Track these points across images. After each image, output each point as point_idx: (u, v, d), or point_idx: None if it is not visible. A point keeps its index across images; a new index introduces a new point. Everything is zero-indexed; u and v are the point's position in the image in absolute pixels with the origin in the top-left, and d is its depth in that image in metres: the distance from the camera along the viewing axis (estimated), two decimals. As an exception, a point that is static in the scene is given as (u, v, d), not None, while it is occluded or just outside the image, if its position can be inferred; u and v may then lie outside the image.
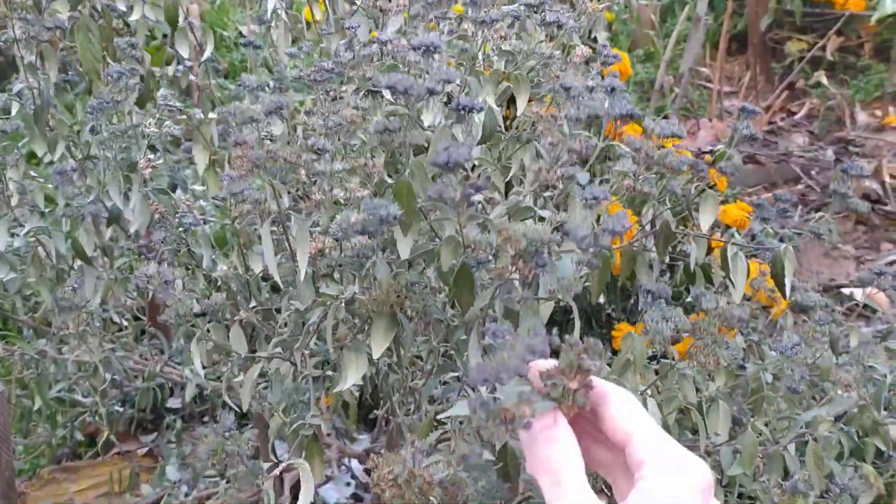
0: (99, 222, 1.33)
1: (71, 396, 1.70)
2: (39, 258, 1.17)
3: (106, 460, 1.79)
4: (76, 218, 1.10)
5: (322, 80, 1.07)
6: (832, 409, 0.95)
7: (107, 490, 1.73)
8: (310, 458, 0.92)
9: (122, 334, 1.48)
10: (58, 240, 1.21)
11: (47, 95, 1.19)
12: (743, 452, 0.93)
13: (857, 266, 2.20)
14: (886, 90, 3.18)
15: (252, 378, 1.01)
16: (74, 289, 1.07)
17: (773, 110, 3.13)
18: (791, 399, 0.94)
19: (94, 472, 1.77)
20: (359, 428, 1.88)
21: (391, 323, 0.80)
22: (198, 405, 2.00)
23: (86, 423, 1.82)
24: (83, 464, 1.81)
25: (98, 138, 1.22)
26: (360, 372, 0.87)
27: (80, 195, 1.11)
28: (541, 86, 1.16)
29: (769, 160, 2.69)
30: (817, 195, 2.56)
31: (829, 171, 2.63)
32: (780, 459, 0.97)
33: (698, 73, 3.23)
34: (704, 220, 1.21)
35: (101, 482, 1.75)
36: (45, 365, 1.45)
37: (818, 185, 2.59)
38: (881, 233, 2.44)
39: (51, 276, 1.18)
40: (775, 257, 1.14)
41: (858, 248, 2.36)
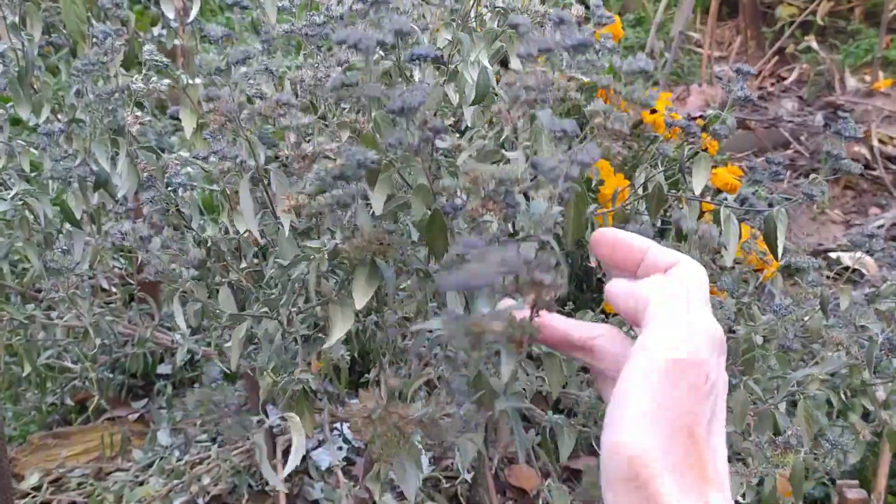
0: (86, 186, 1.31)
1: (60, 363, 1.69)
2: (27, 222, 1.16)
3: (97, 426, 1.79)
4: (63, 181, 1.08)
5: (314, 34, 1.05)
6: (824, 369, 0.96)
7: (98, 455, 1.73)
8: (300, 415, 0.93)
9: (111, 299, 1.47)
10: (45, 204, 1.20)
11: (31, 56, 1.17)
12: (734, 411, 0.94)
13: (846, 230, 2.21)
14: (876, 55, 3.17)
15: (239, 337, 1.00)
16: (64, 251, 1.05)
17: (763, 75, 3.12)
18: (783, 357, 0.95)
19: (85, 437, 1.77)
20: (350, 393, 1.89)
21: (373, 272, 0.79)
22: (188, 371, 2.00)
23: (76, 390, 1.82)
24: (74, 430, 1.81)
25: (84, 101, 1.20)
26: (345, 326, 0.86)
27: (66, 157, 1.09)
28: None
29: (759, 125, 2.68)
30: (806, 160, 2.57)
31: (818, 136, 2.63)
32: (771, 418, 0.98)
33: (689, 37, 3.21)
34: (697, 182, 1.21)
35: (92, 447, 1.75)
36: (33, 331, 1.44)
37: (807, 150, 2.59)
38: (869, 197, 2.45)
39: (39, 240, 1.17)
40: (768, 219, 1.14)
41: (846, 212, 2.37)
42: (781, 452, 0.79)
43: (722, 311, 0.96)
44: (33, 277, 1.35)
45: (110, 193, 1.35)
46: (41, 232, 1.18)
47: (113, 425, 1.79)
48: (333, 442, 1.75)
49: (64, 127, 1.13)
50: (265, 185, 0.97)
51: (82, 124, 1.23)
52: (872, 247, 1.16)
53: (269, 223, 1.09)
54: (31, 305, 1.31)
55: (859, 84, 3.08)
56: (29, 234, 1.18)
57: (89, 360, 1.49)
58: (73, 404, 1.87)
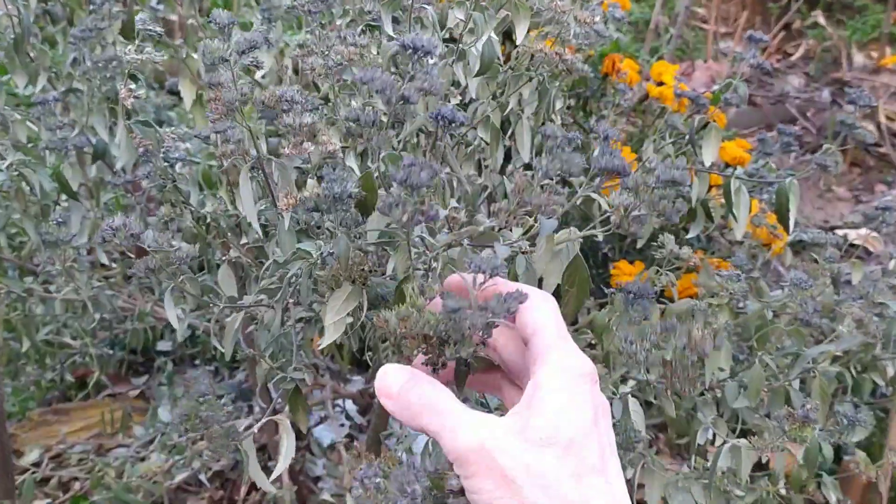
0: (84, 158, 1.29)
1: (59, 339, 1.67)
2: (23, 193, 1.13)
3: (97, 402, 1.78)
4: (60, 151, 1.06)
5: (317, 11, 1.02)
6: (840, 346, 0.94)
7: (99, 432, 1.72)
8: (293, 412, 0.90)
9: (111, 273, 1.45)
10: (42, 175, 1.17)
11: (27, 23, 1.14)
12: (749, 385, 0.92)
13: (855, 206, 2.18)
14: (883, 31, 3.13)
15: (234, 327, 0.98)
16: (59, 223, 1.03)
17: (770, 52, 3.08)
18: (799, 333, 0.93)
19: (86, 413, 1.76)
20: (352, 370, 1.88)
21: (352, 295, 0.77)
22: (189, 348, 1.98)
23: (75, 366, 1.80)
24: (74, 406, 1.79)
25: (81, 69, 1.17)
26: (338, 330, 0.84)
27: (63, 127, 1.06)
28: (541, 14, 1.12)
29: (765, 101, 2.65)
30: (813, 137, 2.54)
31: (824, 112, 2.60)
32: (783, 394, 0.96)
33: (694, 13, 3.16)
34: (707, 154, 1.18)
35: (92, 424, 1.74)
36: (32, 305, 1.42)
37: (814, 126, 2.56)
38: (875, 174, 2.42)
39: (35, 211, 1.14)
40: (780, 191, 1.11)
41: (852, 189, 2.34)
42: (800, 426, 0.78)
43: (738, 284, 0.94)
44: (31, 251, 1.33)
45: (108, 165, 1.33)
46: (38, 204, 1.15)
47: (113, 402, 1.78)
48: (336, 419, 1.73)
49: (59, 96, 1.10)
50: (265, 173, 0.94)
51: (79, 94, 1.21)
52: (886, 219, 1.14)
53: (270, 209, 1.06)
54: (29, 279, 1.29)
55: (866, 60, 3.04)
56: (25, 206, 1.15)
57: (88, 336, 1.47)
58: (73, 380, 1.86)
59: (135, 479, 1.42)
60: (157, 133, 1.10)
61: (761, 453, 0.83)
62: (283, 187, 0.87)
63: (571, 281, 0.79)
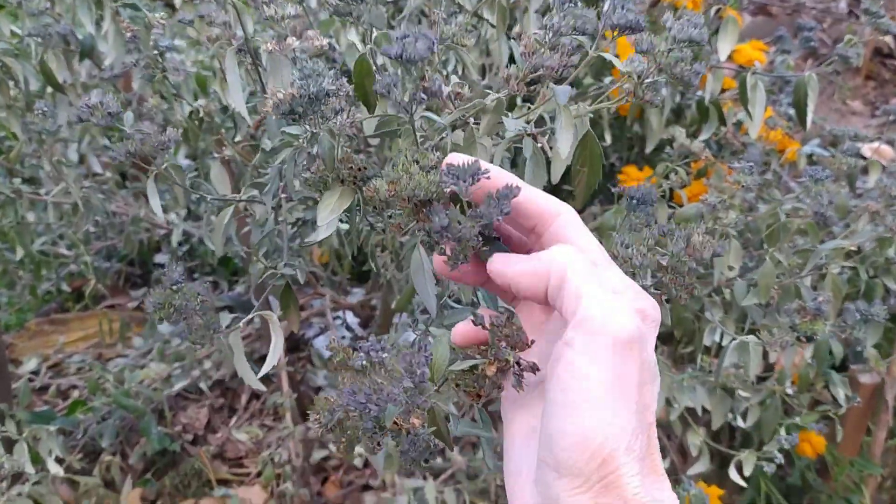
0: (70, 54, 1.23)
1: (55, 249, 1.65)
2: (7, 87, 1.09)
3: (95, 313, 1.76)
4: (43, 39, 1.00)
5: None
6: (854, 240, 0.90)
7: (97, 342, 1.71)
8: (284, 309, 0.87)
9: (103, 179, 1.41)
10: (28, 71, 1.12)
11: None
12: (759, 283, 0.89)
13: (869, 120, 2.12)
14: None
15: (223, 221, 0.94)
16: (44, 112, 0.98)
17: (785, -38, 2.96)
18: (813, 227, 0.90)
19: (84, 324, 1.75)
20: (352, 282, 1.85)
21: (345, 194, 0.72)
22: (188, 260, 1.96)
23: (72, 277, 1.78)
24: (72, 316, 1.78)
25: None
26: (330, 228, 0.80)
27: (46, 12, 1.01)
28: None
29: (781, 12, 2.56)
30: (829, 49, 2.46)
31: (841, 23, 2.51)
32: (795, 292, 0.93)
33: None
34: (723, 47, 1.13)
35: (90, 334, 1.72)
36: (24, 213, 1.39)
37: (830, 38, 2.48)
38: (890, 88, 2.35)
39: (21, 106, 1.10)
40: (798, 85, 1.06)
41: (867, 104, 2.28)
42: (811, 320, 0.75)
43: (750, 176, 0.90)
44: (19, 152, 1.29)
45: (96, 63, 1.27)
46: (23, 97, 1.10)
47: (112, 313, 1.76)
48: (336, 330, 1.72)
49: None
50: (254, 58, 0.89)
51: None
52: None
53: (260, 98, 1.01)
54: (17, 179, 1.25)
55: (885, -28, 2.92)
56: (10, 100, 1.11)
57: (83, 242, 1.44)
58: (70, 292, 1.84)
59: (134, 385, 1.41)
60: (145, 19, 1.04)
61: (770, 349, 0.81)
62: (272, 72, 0.82)
63: (583, 159, 0.75)
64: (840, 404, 0.99)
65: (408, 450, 0.49)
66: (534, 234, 0.42)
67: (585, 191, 0.74)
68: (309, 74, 0.64)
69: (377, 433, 0.44)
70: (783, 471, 1.54)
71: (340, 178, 0.70)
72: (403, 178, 0.47)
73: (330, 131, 0.67)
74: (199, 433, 1.55)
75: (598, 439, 0.34)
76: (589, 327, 0.36)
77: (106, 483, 1.39)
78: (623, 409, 0.35)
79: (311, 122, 0.67)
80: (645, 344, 0.36)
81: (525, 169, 0.72)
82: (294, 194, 0.87)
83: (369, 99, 0.77)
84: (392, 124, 0.78)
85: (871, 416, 1.43)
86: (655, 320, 0.39)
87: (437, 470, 1.46)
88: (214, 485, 1.43)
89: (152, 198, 0.78)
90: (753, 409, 1.00)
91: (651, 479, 0.35)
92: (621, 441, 0.34)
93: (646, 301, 0.39)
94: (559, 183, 0.74)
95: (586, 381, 0.35)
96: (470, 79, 1.05)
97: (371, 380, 0.43)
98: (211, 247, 1.03)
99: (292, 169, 0.78)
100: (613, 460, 0.34)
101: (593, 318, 0.36)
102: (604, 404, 0.35)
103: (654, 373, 0.38)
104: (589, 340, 0.35)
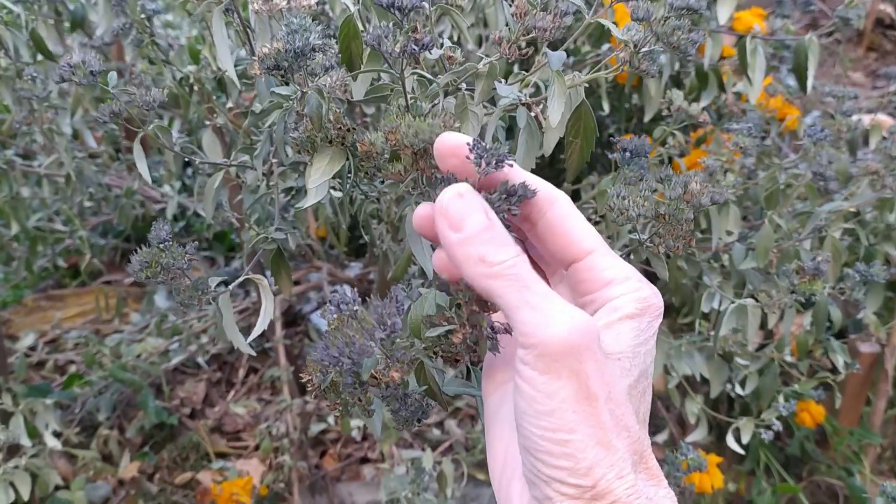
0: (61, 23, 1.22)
1: (50, 226, 1.64)
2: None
3: (92, 288, 1.75)
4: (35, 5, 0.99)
5: None
6: (854, 202, 0.89)
7: (94, 317, 1.70)
8: (276, 276, 0.85)
9: (97, 152, 1.40)
10: (18, 40, 1.11)
11: None
12: (758, 246, 0.88)
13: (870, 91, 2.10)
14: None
15: (213, 186, 0.92)
16: (33, 78, 0.97)
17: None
18: (812, 188, 0.88)
19: (80, 300, 1.74)
20: (350, 257, 1.84)
21: (336, 156, 0.70)
22: (184, 236, 1.95)
23: (68, 253, 1.77)
24: (69, 292, 1.77)
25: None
26: (321, 193, 0.78)
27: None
28: None
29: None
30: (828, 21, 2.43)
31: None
32: (794, 255, 0.92)
33: None
34: (722, 12, 1.11)
35: (87, 310, 1.72)
36: (17, 185, 1.38)
37: (831, 9, 2.45)
38: (892, 59, 2.33)
39: (11, 75, 1.08)
40: (798, 48, 1.05)
41: (868, 75, 2.26)
42: (809, 280, 0.74)
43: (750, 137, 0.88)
44: (11, 125, 1.27)
45: (87, 33, 1.26)
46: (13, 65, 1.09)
47: (108, 288, 1.75)
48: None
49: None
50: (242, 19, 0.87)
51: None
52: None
53: (249, 60, 0.99)
54: (10, 151, 1.24)
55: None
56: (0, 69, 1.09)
57: (77, 215, 1.43)
58: (67, 268, 1.83)
59: (131, 359, 1.41)
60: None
61: (769, 311, 0.80)
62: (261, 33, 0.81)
63: (577, 130, 0.73)
64: (839, 371, 0.98)
65: (398, 409, 0.48)
66: (528, 222, 0.41)
67: (578, 162, 0.72)
68: (296, 30, 0.63)
69: (357, 388, 0.43)
70: (782, 441, 1.54)
71: (329, 139, 0.69)
72: (402, 125, 0.45)
73: (318, 90, 0.66)
74: (196, 407, 1.55)
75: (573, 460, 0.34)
76: (521, 340, 0.34)
77: (104, 456, 1.39)
78: (585, 426, 0.33)
79: (300, 81, 0.65)
80: (588, 352, 0.34)
81: (518, 139, 0.70)
82: (285, 159, 0.86)
83: (354, 62, 0.75)
84: (384, 90, 0.77)
85: (871, 387, 1.43)
86: (658, 309, 0.38)
87: (435, 442, 1.46)
88: (213, 458, 1.43)
89: (139, 161, 0.77)
90: (752, 376, 1.00)
91: (643, 476, 0.35)
92: (594, 460, 0.34)
93: (648, 289, 0.38)
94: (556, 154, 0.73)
95: (534, 402, 0.34)
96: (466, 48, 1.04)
97: (343, 333, 0.42)
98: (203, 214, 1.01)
99: (282, 131, 0.77)
100: (592, 475, 0.34)
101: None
102: (559, 423, 0.33)
103: (621, 370, 0.36)
104: (524, 355, 0.34)
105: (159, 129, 0.75)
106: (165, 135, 0.76)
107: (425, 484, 0.99)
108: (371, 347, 0.40)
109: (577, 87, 0.73)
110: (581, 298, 0.40)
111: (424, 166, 0.46)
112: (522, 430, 0.35)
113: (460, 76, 0.71)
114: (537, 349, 0.33)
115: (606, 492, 0.33)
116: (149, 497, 1.32)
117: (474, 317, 0.41)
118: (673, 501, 0.36)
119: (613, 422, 0.34)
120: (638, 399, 0.37)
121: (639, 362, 0.37)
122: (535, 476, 0.34)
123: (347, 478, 1.43)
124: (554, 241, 0.40)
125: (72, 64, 0.68)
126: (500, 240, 0.36)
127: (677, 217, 0.61)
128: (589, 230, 0.40)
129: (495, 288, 0.35)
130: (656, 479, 0.36)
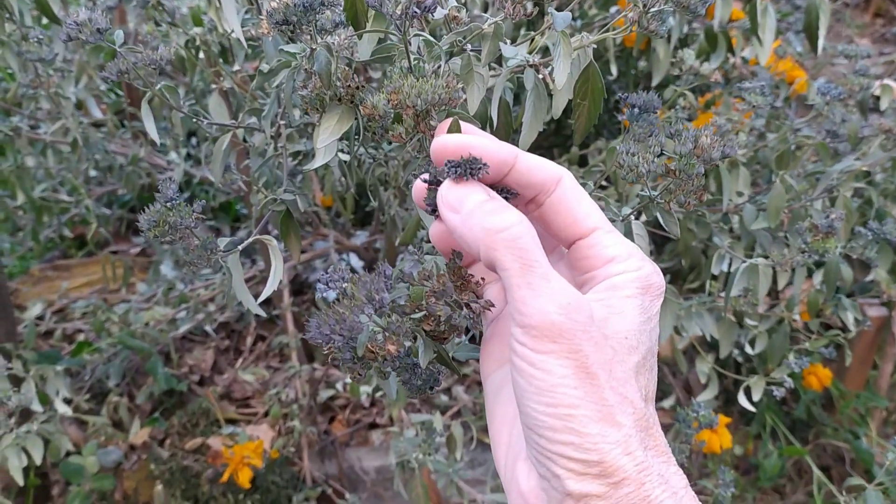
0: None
1: (55, 196, 1.63)
2: (2, 18, 1.06)
3: (98, 258, 1.75)
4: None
5: None
6: (866, 161, 0.89)
7: (101, 287, 1.70)
8: (284, 237, 0.85)
9: (102, 121, 1.39)
10: (22, 4, 1.10)
11: None
12: (769, 206, 0.88)
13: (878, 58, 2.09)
14: None
15: (222, 148, 0.92)
16: (39, 41, 0.96)
17: None
18: (824, 146, 0.88)
19: (87, 270, 1.74)
20: (356, 226, 1.84)
21: (345, 116, 0.70)
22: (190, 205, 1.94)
23: (74, 224, 1.77)
24: (75, 262, 1.77)
25: None
26: (329, 153, 0.78)
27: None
28: None
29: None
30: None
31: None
32: (805, 215, 0.92)
33: None
34: (732, -30, 1.10)
35: (94, 280, 1.72)
36: (22, 155, 1.37)
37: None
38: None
39: (16, 39, 1.08)
40: (809, 8, 1.04)
41: (875, 42, 2.24)
42: (823, 238, 0.73)
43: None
44: (16, 92, 1.27)
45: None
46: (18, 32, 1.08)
47: (115, 258, 1.75)
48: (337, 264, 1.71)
49: None
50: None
51: None
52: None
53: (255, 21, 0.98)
54: (15, 118, 1.23)
55: None
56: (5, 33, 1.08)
57: (83, 188, 1.43)
58: (73, 239, 1.83)
59: (139, 326, 1.41)
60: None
61: (781, 269, 0.80)
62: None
63: (584, 92, 0.72)
64: (850, 330, 0.98)
65: (409, 379, 0.48)
66: (533, 203, 0.40)
67: (586, 125, 0.72)
68: None
69: (356, 363, 0.43)
70: (788, 406, 1.54)
71: (338, 96, 0.68)
72: (405, 86, 0.45)
73: (327, 47, 0.65)
74: (205, 374, 1.55)
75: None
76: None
77: (114, 423, 1.40)
78: (587, 402, 0.33)
79: (308, 38, 0.65)
80: (584, 334, 0.34)
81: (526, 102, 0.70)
82: (293, 120, 0.85)
83: (360, 21, 0.75)
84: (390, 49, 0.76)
85: (877, 350, 1.43)
86: (660, 287, 0.38)
87: (443, 407, 1.46)
88: (223, 423, 1.44)
89: (147, 121, 0.76)
90: (761, 336, 1.00)
91: (652, 453, 0.35)
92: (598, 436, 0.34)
93: (650, 267, 0.39)
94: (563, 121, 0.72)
95: (533, 379, 0.34)
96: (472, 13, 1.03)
97: (334, 310, 0.42)
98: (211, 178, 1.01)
99: (290, 91, 0.76)
100: (597, 451, 0.34)
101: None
102: (561, 399, 0.34)
103: (629, 348, 0.36)
104: (519, 333, 0.34)
105: (167, 89, 0.75)
106: (173, 95, 0.76)
107: (436, 445, 0.99)
108: (360, 324, 0.40)
109: (586, 48, 0.73)
110: (582, 276, 0.40)
111: (425, 128, 0.46)
112: (524, 409, 0.35)
113: (465, 36, 0.70)
114: (534, 330, 0.34)
115: (615, 468, 0.33)
116: (160, 462, 1.33)
117: (449, 294, 0.41)
118: (683, 479, 0.36)
119: (617, 399, 0.34)
120: (646, 376, 0.37)
121: (645, 339, 0.37)
122: (540, 453, 0.34)
123: (356, 443, 1.44)
124: (558, 218, 0.40)
125: (78, 22, 0.67)
126: (501, 207, 0.36)
127: (688, 172, 0.60)
128: (593, 208, 0.40)
129: (502, 260, 0.35)
130: (666, 456, 0.35)
